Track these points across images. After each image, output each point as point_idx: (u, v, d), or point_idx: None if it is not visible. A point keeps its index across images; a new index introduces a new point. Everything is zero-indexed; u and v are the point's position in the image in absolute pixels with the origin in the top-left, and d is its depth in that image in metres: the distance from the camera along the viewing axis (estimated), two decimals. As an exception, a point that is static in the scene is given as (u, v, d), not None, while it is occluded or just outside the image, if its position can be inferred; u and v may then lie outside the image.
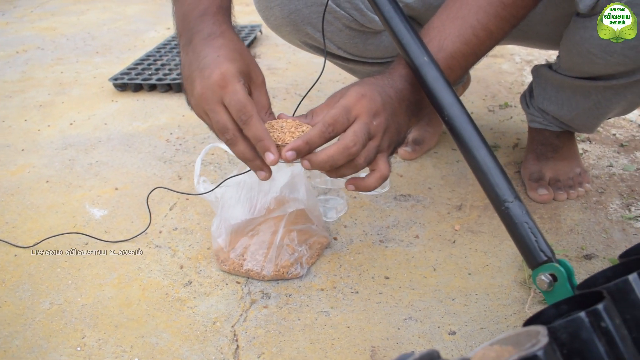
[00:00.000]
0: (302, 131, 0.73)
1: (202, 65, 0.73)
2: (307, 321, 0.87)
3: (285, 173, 0.95)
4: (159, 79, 1.79)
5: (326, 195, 1.16)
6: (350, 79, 1.60)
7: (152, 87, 1.80)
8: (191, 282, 0.96)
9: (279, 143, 0.71)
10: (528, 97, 1.22)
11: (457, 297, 0.90)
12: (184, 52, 0.77)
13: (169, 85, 1.77)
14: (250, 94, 0.75)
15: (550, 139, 1.20)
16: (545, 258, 0.65)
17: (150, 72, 1.85)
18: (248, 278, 0.96)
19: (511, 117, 1.56)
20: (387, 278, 0.95)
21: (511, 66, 1.98)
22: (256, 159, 0.74)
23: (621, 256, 0.65)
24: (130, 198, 1.22)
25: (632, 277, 0.54)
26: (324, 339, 0.83)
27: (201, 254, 1.03)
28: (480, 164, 0.69)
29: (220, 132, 0.73)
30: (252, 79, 0.76)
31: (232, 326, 0.87)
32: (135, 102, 1.73)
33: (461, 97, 1.64)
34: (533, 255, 0.66)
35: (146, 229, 1.09)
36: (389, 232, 1.06)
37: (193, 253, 1.03)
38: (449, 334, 0.83)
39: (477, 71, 1.90)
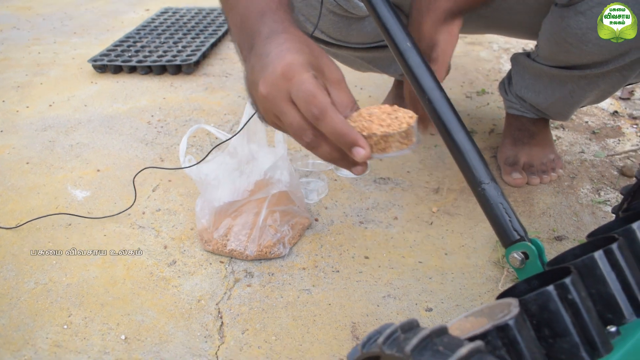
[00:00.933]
0: (396, 118, 0.61)
1: (264, 64, 0.61)
2: (289, 299, 0.89)
3: (268, 156, 0.97)
4: (139, 61, 1.78)
5: (308, 178, 1.18)
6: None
7: (132, 69, 1.79)
8: (175, 262, 0.98)
9: (365, 134, 0.59)
10: (507, 84, 1.25)
11: (434, 276, 0.94)
12: (247, 61, 0.67)
13: (149, 67, 1.77)
14: (327, 93, 0.61)
15: (527, 125, 1.23)
16: (518, 237, 0.68)
17: (130, 54, 1.85)
18: (231, 258, 0.98)
19: (488, 104, 1.60)
20: (366, 258, 0.98)
21: (489, 54, 2.02)
22: (347, 157, 0.61)
23: (589, 236, 0.69)
24: (112, 179, 1.23)
25: (597, 254, 0.58)
26: (306, 315, 0.86)
27: (185, 235, 1.04)
28: (458, 147, 0.72)
29: (297, 136, 0.61)
30: (325, 74, 0.62)
31: (217, 304, 0.89)
32: (115, 84, 1.73)
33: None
34: (507, 234, 0.70)
35: (130, 206, 1.10)
36: (368, 214, 1.09)
37: (177, 233, 1.05)
38: (426, 311, 0.87)
39: (456, 58, 1.93)
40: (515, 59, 1.18)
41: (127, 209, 1.10)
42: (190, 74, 1.77)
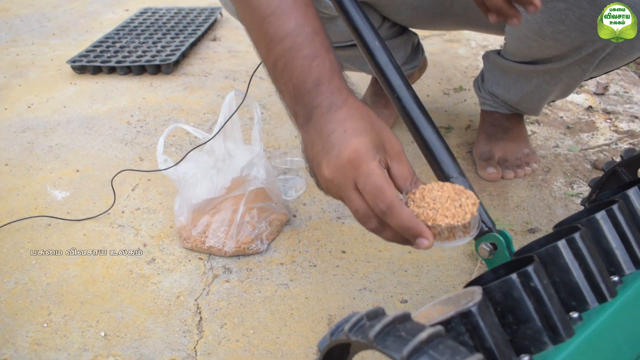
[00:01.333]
0: (460, 206, 0.61)
1: (327, 144, 0.62)
2: (267, 293, 0.91)
3: (244, 153, 0.99)
4: (118, 62, 1.79)
5: (286, 175, 1.20)
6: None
7: (112, 70, 1.80)
8: (155, 260, 0.99)
9: (430, 224, 0.60)
10: (480, 81, 1.27)
11: (409, 269, 0.95)
12: (304, 132, 0.66)
13: (128, 67, 1.77)
14: (387, 168, 0.63)
15: (501, 121, 1.26)
16: (486, 229, 0.70)
17: (109, 55, 1.85)
18: (210, 254, 0.99)
19: (465, 100, 1.62)
20: (343, 252, 1.00)
21: (467, 51, 2.04)
22: (409, 241, 0.63)
23: (555, 226, 0.71)
24: (91, 180, 1.23)
25: (561, 243, 0.60)
26: (284, 309, 0.88)
27: (164, 233, 1.05)
28: (427, 143, 0.74)
29: (362, 222, 0.63)
30: (386, 150, 0.64)
31: (196, 300, 0.90)
32: (94, 85, 1.73)
33: (418, 81, 1.70)
34: (476, 226, 0.72)
35: (110, 209, 1.11)
36: (345, 209, 1.10)
37: (156, 232, 1.06)
38: (401, 302, 0.89)
39: (434, 55, 1.95)
40: (486, 56, 1.21)
41: (106, 211, 1.11)
42: (169, 73, 1.77)
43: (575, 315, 0.58)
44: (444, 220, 0.60)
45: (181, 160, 1.01)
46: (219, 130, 0.98)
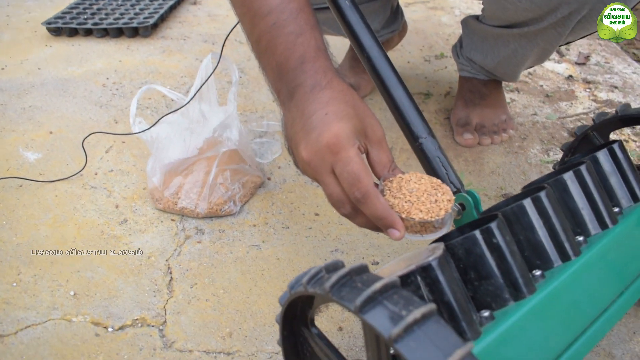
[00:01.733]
0: (435, 201, 0.61)
1: (308, 125, 0.61)
2: (238, 254, 0.91)
3: (218, 115, 0.98)
4: (95, 24, 1.75)
5: (262, 139, 1.19)
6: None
7: (88, 32, 1.76)
8: (126, 221, 0.98)
9: (403, 216, 0.60)
10: (458, 47, 1.26)
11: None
12: (286, 109, 0.65)
13: (105, 30, 1.74)
14: (367, 153, 0.64)
15: (478, 87, 1.25)
16: (455, 189, 0.70)
17: (85, 17, 1.81)
18: (183, 216, 0.98)
19: (445, 67, 1.61)
20: (317, 215, 0.99)
21: (450, 19, 2.02)
22: (380, 229, 0.63)
23: (524, 187, 0.71)
24: (65, 142, 1.21)
25: (526, 202, 0.60)
26: (255, 270, 0.88)
27: (137, 194, 1.04)
28: (396, 103, 0.73)
29: (335, 206, 0.63)
30: (367, 135, 0.63)
31: (167, 260, 0.90)
32: (70, 47, 1.69)
33: (398, 47, 1.68)
34: (444, 187, 0.71)
35: (82, 170, 1.10)
36: (321, 173, 1.10)
37: (129, 193, 1.05)
38: (373, 264, 0.89)
39: (417, 23, 1.93)
40: (465, 21, 1.20)
41: (77, 173, 1.09)
42: (147, 37, 1.74)
43: (538, 273, 0.58)
44: (418, 215, 0.60)
45: (154, 124, 0.99)
46: (195, 94, 0.97)
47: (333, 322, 0.80)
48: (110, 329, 0.79)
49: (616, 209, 0.68)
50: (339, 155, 0.59)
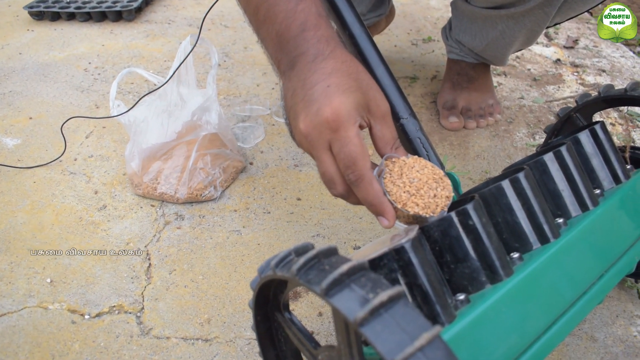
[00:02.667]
0: (434, 196, 0.58)
1: (308, 97, 0.58)
2: (218, 240, 0.89)
3: (197, 98, 0.96)
4: (78, 8, 1.72)
5: (245, 123, 1.17)
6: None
7: (71, 16, 1.73)
8: (105, 207, 0.97)
9: (399, 207, 0.58)
10: (447, 29, 1.25)
11: (364, 216, 0.95)
12: (286, 79, 0.62)
13: (88, 14, 1.71)
14: (370, 128, 0.61)
15: (466, 70, 1.24)
16: (435, 171, 0.69)
17: (68, 0, 1.78)
18: (163, 201, 0.97)
19: (433, 51, 1.60)
20: (299, 199, 0.98)
21: (439, 2, 2.00)
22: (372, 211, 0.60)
23: (505, 169, 0.70)
24: (45, 127, 1.19)
25: (504, 183, 0.59)
26: (234, 255, 0.87)
27: (116, 180, 1.03)
28: (379, 82, 0.71)
29: (327, 185, 0.60)
30: (371, 110, 0.60)
31: (145, 246, 0.89)
32: (52, 32, 1.66)
33: (386, 30, 1.66)
34: (424, 169, 0.70)
35: (61, 156, 1.08)
36: (304, 157, 1.09)
37: (108, 179, 1.03)
38: (354, 249, 0.88)
39: (405, 6, 1.91)
40: (454, 3, 1.18)
41: (56, 159, 1.08)
42: (131, 20, 1.71)
43: (516, 255, 0.57)
44: (414, 209, 0.58)
45: (133, 106, 0.97)
46: (173, 74, 0.95)
47: (313, 307, 0.79)
48: (86, 316, 0.78)
49: (597, 191, 0.67)
50: (338, 134, 0.56)
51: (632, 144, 0.78)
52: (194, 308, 0.79)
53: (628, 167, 0.72)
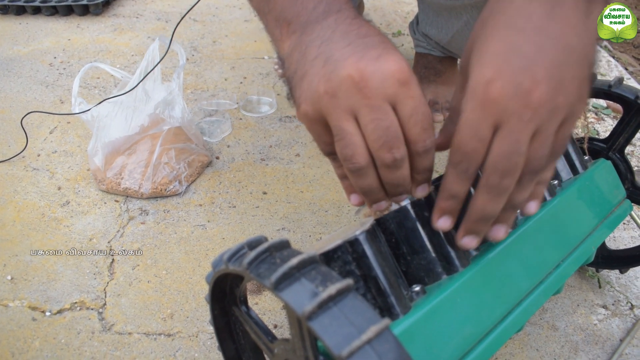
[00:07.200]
0: None
1: (359, 43, 0.46)
2: (183, 234, 0.89)
3: (160, 90, 0.95)
4: (43, 1, 1.69)
5: (211, 117, 1.16)
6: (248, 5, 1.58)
7: (37, 10, 1.70)
8: (69, 202, 0.96)
9: None
10: (415, 23, 1.26)
11: (330, 209, 0.95)
12: (301, 33, 0.51)
13: (54, 8, 1.68)
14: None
15: (433, 63, 1.25)
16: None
17: (33, -6, 1.74)
18: (127, 196, 0.96)
19: (402, 45, 1.60)
20: (264, 193, 0.98)
21: (409, -4, 2.01)
22: (381, 191, 0.52)
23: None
24: (7, 122, 1.17)
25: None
26: (199, 250, 0.86)
27: (80, 175, 1.01)
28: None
29: (346, 160, 0.48)
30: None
31: (109, 242, 0.88)
32: (17, 26, 1.63)
33: (355, 24, 1.66)
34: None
35: (22, 151, 1.06)
36: (270, 151, 1.09)
37: (72, 175, 1.02)
38: (318, 241, 0.88)
39: (375, 0, 1.91)
40: None
41: (19, 154, 1.06)
42: (98, 14, 1.69)
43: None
44: None
45: (94, 106, 0.96)
46: (137, 85, 0.93)
47: (277, 300, 0.79)
48: (47, 313, 0.77)
49: (555, 181, 0.68)
50: (409, 89, 0.45)
51: (590, 135, 0.79)
52: (156, 303, 0.78)
53: (586, 157, 0.73)
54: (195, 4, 0.97)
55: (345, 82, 0.45)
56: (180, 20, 0.99)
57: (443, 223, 0.50)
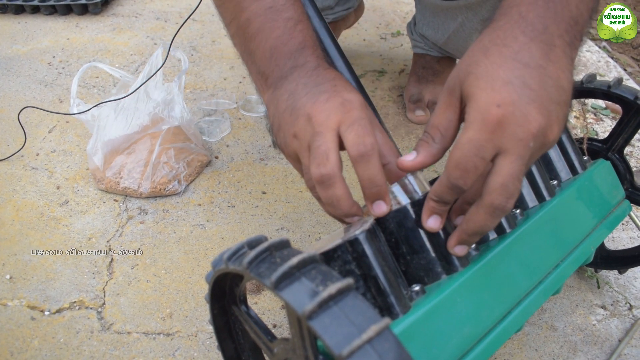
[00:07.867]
0: None
1: (314, 91, 0.56)
2: (182, 234, 0.89)
3: (161, 91, 0.95)
4: (42, 0, 1.68)
5: (211, 117, 1.16)
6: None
7: (35, 9, 1.69)
8: (68, 202, 0.95)
9: None
10: (412, 24, 1.26)
11: (329, 209, 0.95)
12: (277, 87, 0.60)
13: (53, 7, 1.68)
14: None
15: (431, 64, 1.25)
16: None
17: (32, -7, 1.74)
18: (126, 196, 0.96)
19: (401, 45, 1.60)
20: (264, 193, 0.98)
21: (408, -4, 2.01)
22: (353, 207, 0.56)
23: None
24: (5, 122, 1.17)
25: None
26: (198, 249, 0.86)
27: (79, 175, 1.01)
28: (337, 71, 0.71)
29: (315, 166, 0.53)
30: (371, 120, 0.57)
31: (108, 241, 0.88)
32: (16, 25, 1.63)
33: (355, 24, 1.66)
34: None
35: (21, 149, 1.06)
36: (270, 151, 1.08)
37: (71, 174, 1.02)
38: (317, 241, 0.88)
39: (375, 0, 1.91)
40: None
41: (17, 152, 1.06)
42: (97, 14, 1.68)
43: (472, 246, 0.57)
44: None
45: (93, 107, 0.96)
46: (136, 89, 0.93)
47: (276, 299, 0.79)
48: (46, 313, 0.77)
49: (554, 182, 0.68)
50: (350, 115, 0.53)
51: (590, 136, 0.80)
52: (156, 303, 0.78)
53: (585, 158, 0.74)
54: (197, 7, 0.97)
55: (301, 122, 0.55)
56: (181, 27, 0.99)
57: (433, 223, 0.53)
